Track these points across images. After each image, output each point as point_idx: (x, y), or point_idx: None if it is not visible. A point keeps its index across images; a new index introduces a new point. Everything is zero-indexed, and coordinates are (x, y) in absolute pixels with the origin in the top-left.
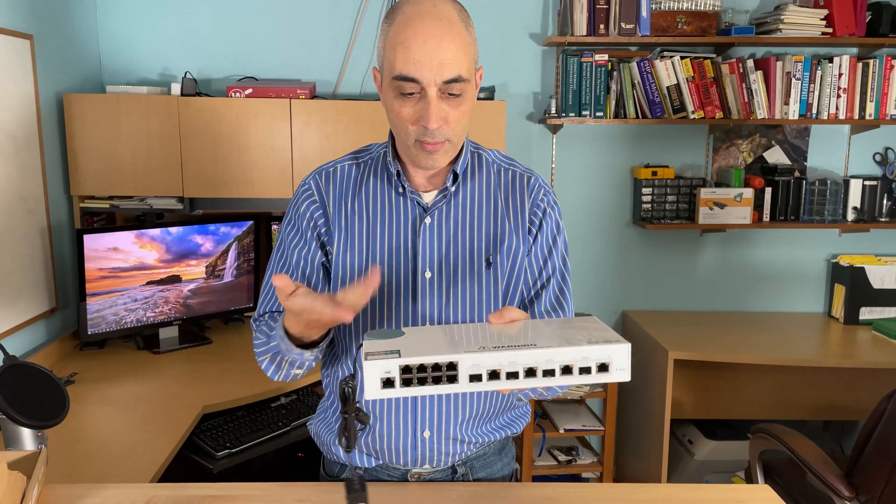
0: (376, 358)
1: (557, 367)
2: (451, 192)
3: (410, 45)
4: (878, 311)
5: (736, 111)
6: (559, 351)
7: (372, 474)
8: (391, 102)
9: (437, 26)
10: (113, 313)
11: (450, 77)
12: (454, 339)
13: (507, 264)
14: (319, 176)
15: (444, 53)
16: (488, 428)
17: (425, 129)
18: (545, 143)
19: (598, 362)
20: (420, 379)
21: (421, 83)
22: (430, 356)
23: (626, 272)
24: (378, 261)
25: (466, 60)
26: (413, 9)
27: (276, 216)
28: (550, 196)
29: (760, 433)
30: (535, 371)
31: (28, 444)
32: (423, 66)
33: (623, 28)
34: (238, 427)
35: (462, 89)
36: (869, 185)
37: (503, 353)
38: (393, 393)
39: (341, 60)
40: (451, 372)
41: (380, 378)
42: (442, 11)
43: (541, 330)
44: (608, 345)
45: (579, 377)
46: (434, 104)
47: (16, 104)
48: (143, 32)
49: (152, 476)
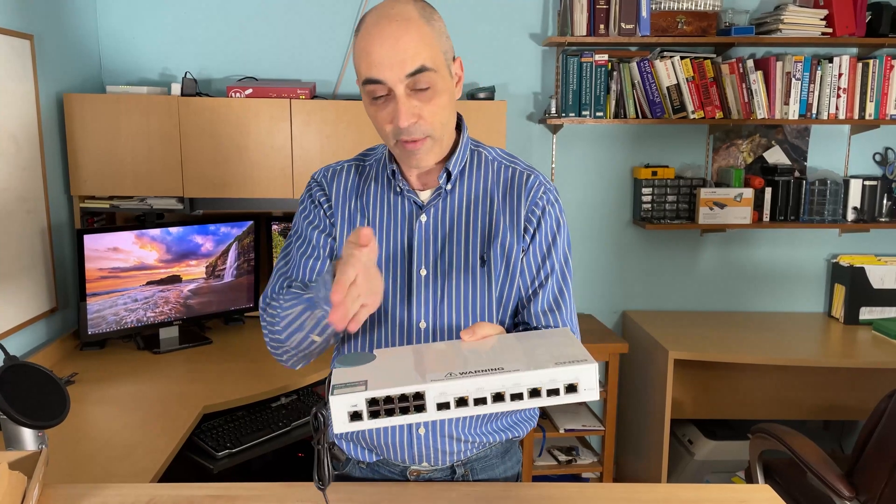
0: (343, 392)
1: (525, 390)
2: (447, 190)
3: (371, 49)
4: (878, 311)
5: (736, 111)
6: (526, 375)
7: (373, 469)
8: (367, 109)
9: (394, 27)
10: (113, 313)
11: (411, 70)
12: (422, 365)
13: (500, 262)
14: (327, 171)
15: (404, 48)
16: (489, 429)
17: (400, 129)
18: (545, 143)
19: (565, 383)
20: (388, 410)
21: (386, 83)
22: (396, 387)
23: (626, 272)
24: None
25: (429, 51)
26: (372, 17)
27: (277, 216)
28: (551, 194)
29: (760, 433)
30: (503, 396)
31: (29, 444)
32: (384, 67)
33: (623, 28)
34: (238, 427)
35: (430, 81)
36: (869, 185)
37: (470, 379)
38: (362, 426)
39: (341, 60)
40: (418, 402)
41: (347, 412)
42: (400, 12)
43: (509, 350)
44: (575, 365)
45: (548, 399)
46: (402, 102)
47: (16, 104)
48: (143, 32)
49: (153, 476)
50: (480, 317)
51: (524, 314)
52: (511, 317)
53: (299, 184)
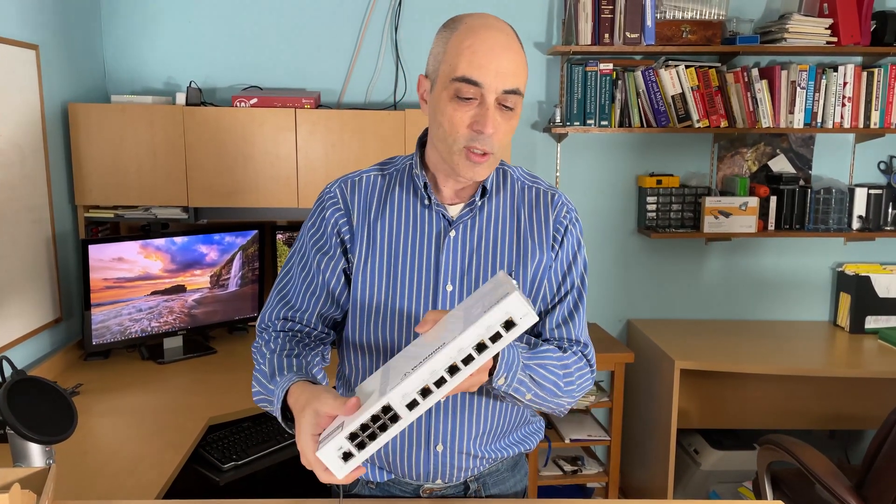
0: (325, 444)
1: (471, 350)
2: (478, 206)
3: (477, 49)
4: (884, 320)
5: (741, 120)
6: (464, 336)
7: (384, 489)
8: (445, 105)
9: (503, 38)
10: (117, 323)
11: (510, 87)
12: (386, 378)
13: (528, 280)
14: (345, 184)
15: (508, 64)
16: (502, 444)
17: (478, 135)
18: (550, 151)
19: (501, 323)
20: (370, 435)
21: (482, 88)
22: (364, 413)
23: (631, 281)
24: (400, 271)
25: (524, 76)
26: (478, 21)
27: (281, 225)
28: (573, 213)
29: (768, 444)
30: (456, 367)
31: (36, 459)
32: (487, 72)
33: (628, 37)
34: (244, 439)
35: (515, 103)
36: (874, 194)
37: (422, 368)
38: (356, 461)
39: (346, 70)
40: (389, 414)
41: (338, 457)
42: (505, 28)
43: (452, 322)
44: (500, 302)
45: (496, 346)
46: (493, 110)
47: (21, 114)
48: (147, 42)
49: (160, 489)
50: None
51: (538, 325)
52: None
53: (304, 193)
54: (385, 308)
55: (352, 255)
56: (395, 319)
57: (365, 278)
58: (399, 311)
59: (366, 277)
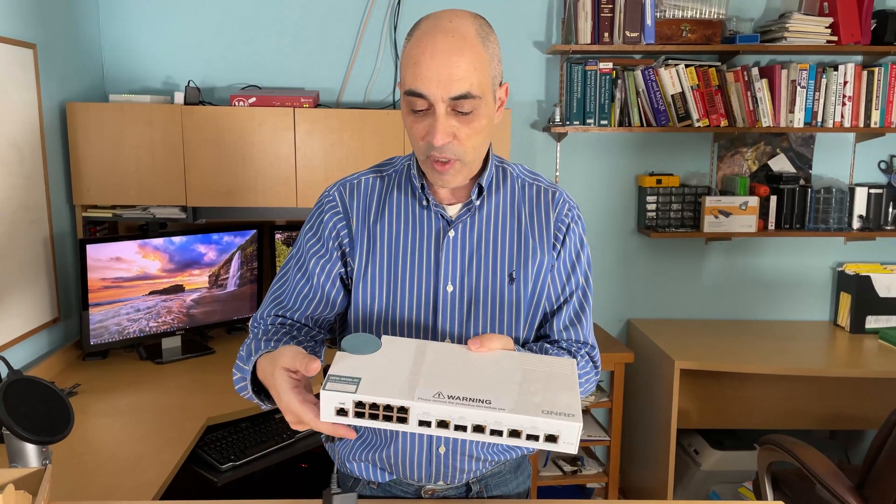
0: (334, 389)
1: (506, 429)
2: (476, 205)
3: (419, 60)
4: (885, 320)
5: (741, 119)
6: (510, 416)
7: (385, 490)
8: (405, 118)
9: (448, 42)
10: (115, 323)
11: (457, 94)
12: (418, 373)
13: (530, 280)
14: (343, 188)
15: (453, 70)
16: (504, 446)
17: (432, 145)
18: (549, 151)
19: (546, 433)
20: (372, 415)
21: (428, 99)
22: (384, 397)
23: (630, 280)
24: (401, 273)
25: (479, 76)
26: (428, 24)
27: (280, 225)
28: (575, 211)
29: (769, 445)
30: (483, 429)
31: (32, 460)
32: (430, 82)
33: (627, 36)
34: (242, 439)
35: (473, 106)
36: (874, 194)
37: (455, 406)
38: (346, 421)
39: (345, 69)
40: (401, 414)
41: (334, 407)
42: (457, 27)
43: (506, 378)
44: (561, 420)
45: (526, 442)
46: (441, 121)
47: (19, 113)
48: (146, 41)
49: (158, 489)
50: (507, 333)
51: (546, 327)
52: (535, 330)
53: (303, 192)
54: (386, 309)
55: (351, 260)
56: (396, 321)
57: (366, 281)
58: (399, 312)
59: (367, 280)
